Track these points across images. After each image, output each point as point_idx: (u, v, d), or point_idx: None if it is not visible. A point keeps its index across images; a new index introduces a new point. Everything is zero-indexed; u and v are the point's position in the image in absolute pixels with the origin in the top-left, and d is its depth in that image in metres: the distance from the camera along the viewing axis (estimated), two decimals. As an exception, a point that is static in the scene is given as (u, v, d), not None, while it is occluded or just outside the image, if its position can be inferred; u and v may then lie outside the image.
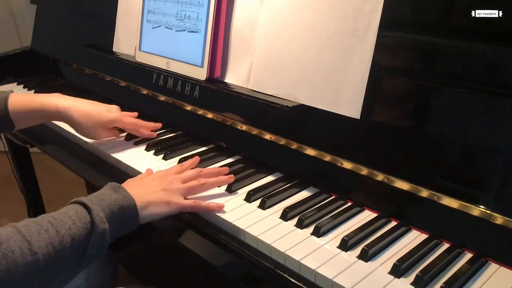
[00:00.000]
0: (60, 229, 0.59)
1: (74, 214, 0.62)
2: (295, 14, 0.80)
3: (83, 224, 0.61)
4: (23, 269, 0.54)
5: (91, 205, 0.63)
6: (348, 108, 0.73)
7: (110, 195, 0.67)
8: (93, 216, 0.62)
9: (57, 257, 0.58)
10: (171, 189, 0.73)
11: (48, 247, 0.57)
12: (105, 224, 0.63)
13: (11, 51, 1.49)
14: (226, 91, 0.89)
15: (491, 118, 0.61)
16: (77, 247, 0.60)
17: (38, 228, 0.58)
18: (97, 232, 0.62)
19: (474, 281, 0.59)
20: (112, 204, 0.65)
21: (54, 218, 0.60)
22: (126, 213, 0.67)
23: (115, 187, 0.69)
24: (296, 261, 0.61)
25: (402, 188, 0.67)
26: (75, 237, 0.60)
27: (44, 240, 0.57)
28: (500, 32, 0.61)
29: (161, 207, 0.71)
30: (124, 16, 1.15)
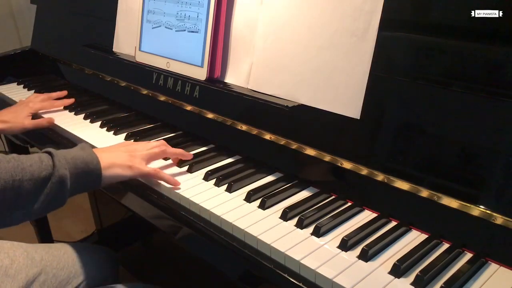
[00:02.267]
0: (22, 164, 0.64)
1: (38, 157, 0.67)
2: (295, 14, 0.80)
3: (44, 166, 0.66)
4: None
5: (55, 154, 0.68)
6: (348, 108, 0.73)
7: (77, 151, 0.72)
8: (55, 160, 0.67)
9: (14, 187, 0.62)
10: (135, 155, 0.79)
11: (7, 175, 0.62)
12: (66, 171, 0.67)
13: (11, 51, 1.49)
14: (226, 91, 0.89)
15: (491, 118, 0.61)
16: (35, 184, 0.64)
17: (2, 159, 0.64)
18: (56, 175, 0.66)
19: (474, 281, 0.59)
20: (76, 157, 0.70)
21: (19, 157, 0.66)
22: (89, 168, 0.71)
23: (83, 146, 0.75)
24: (296, 261, 0.61)
25: (402, 188, 0.67)
26: (34, 174, 0.64)
27: (4, 168, 0.62)
28: (500, 32, 0.61)
29: (124, 170, 0.76)
30: (124, 16, 1.15)
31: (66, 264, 0.92)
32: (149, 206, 0.81)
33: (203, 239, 0.72)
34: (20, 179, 0.63)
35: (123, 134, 1.00)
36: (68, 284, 0.90)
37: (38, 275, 0.87)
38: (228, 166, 0.85)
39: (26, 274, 0.85)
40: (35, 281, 0.86)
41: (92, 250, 1.02)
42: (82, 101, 1.22)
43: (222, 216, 0.71)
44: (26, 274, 0.85)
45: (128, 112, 1.14)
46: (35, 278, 0.86)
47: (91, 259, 0.98)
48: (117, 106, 1.18)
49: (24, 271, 0.86)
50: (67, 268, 0.92)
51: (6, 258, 0.85)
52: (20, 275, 0.84)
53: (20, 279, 0.84)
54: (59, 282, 0.89)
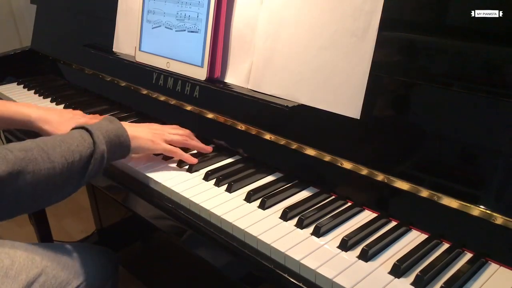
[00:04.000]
0: (70, 146, 0.71)
1: (79, 136, 0.74)
2: (295, 14, 0.80)
3: (87, 144, 0.73)
4: (44, 174, 0.67)
5: (92, 130, 0.75)
6: (348, 108, 0.73)
7: (107, 124, 0.79)
8: (94, 138, 0.74)
9: (68, 168, 0.70)
10: (157, 134, 0.87)
11: (62, 159, 0.69)
12: (104, 146, 0.75)
13: (11, 51, 1.49)
14: (226, 91, 0.89)
15: (491, 118, 0.61)
16: (83, 163, 0.72)
17: (53, 143, 0.70)
18: (98, 152, 0.73)
19: (474, 281, 0.59)
20: (109, 131, 0.77)
21: (64, 137, 0.73)
22: (120, 140, 0.79)
23: (111, 119, 0.81)
24: (296, 261, 0.61)
25: (402, 188, 0.68)
26: (82, 154, 0.72)
27: (58, 153, 0.69)
28: (500, 32, 0.61)
29: (146, 143, 0.84)
30: (124, 16, 1.15)
31: (66, 265, 0.92)
32: (149, 206, 0.81)
33: (203, 239, 0.72)
34: (72, 161, 0.70)
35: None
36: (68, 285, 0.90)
37: (39, 276, 0.87)
38: (228, 166, 0.85)
39: (26, 275, 0.85)
40: (35, 282, 0.86)
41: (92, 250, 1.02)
42: (82, 101, 1.22)
43: (222, 216, 0.71)
44: (27, 275, 0.85)
45: (128, 112, 1.14)
46: (36, 279, 0.86)
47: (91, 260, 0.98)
48: (117, 106, 1.18)
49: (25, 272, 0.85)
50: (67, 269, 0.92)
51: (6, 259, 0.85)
52: (21, 276, 0.84)
53: (21, 280, 0.84)
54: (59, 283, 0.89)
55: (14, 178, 0.63)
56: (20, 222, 1.96)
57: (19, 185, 0.64)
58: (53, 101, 1.23)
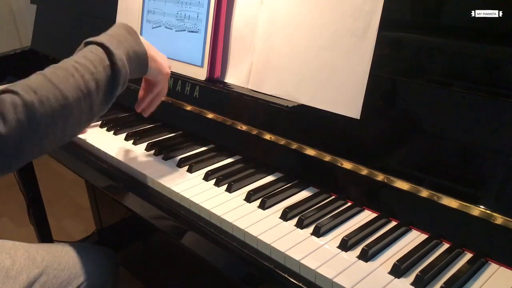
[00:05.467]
0: (84, 74, 0.64)
1: (94, 59, 0.66)
2: (295, 14, 0.80)
3: (103, 68, 0.66)
4: (59, 111, 0.60)
5: (113, 49, 0.67)
6: (348, 108, 0.73)
7: (126, 37, 0.72)
8: (115, 60, 0.67)
9: (85, 98, 0.64)
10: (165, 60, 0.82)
11: (77, 92, 0.62)
12: (126, 68, 0.69)
13: (11, 51, 1.49)
14: (226, 91, 0.89)
15: (491, 118, 0.61)
16: (102, 90, 0.66)
17: (65, 74, 0.62)
18: (120, 77, 0.67)
19: (474, 281, 0.59)
20: (129, 48, 0.71)
21: (76, 62, 0.65)
22: (140, 59, 0.74)
23: (129, 29, 0.74)
24: (296, 261, 0.61)
25: (402, 188, 0.68)
26: (99, 81, 0.65)
27: (72, 86, 0.62)
28: (500, 32, 0.61)
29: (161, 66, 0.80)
30: (124, 16, 1.15)
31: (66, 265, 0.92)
32: (149, 206, 0.81)
33: (203, 239, 0.72)
34: (88, 92, 0.63)
35: (123, 134, 1.00)
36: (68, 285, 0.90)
37: (39, 276, 0.87)
38: (228, 166, 0.85)
39: (27, 275, 0.85)
40: (36, 282, 0.86)
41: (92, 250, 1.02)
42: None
43: (222, 216, 0.71)
44: (28, 276, 0.85)
45: (128, 112, 1.14)
46: (36, 279, 0.86)
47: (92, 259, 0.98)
48: (117, 106, 1.17)
49: (25, 272, 0.86)
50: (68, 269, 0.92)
51: (7, 259, 0.85)
52: (22, 276, 0.84)
53: (21, 281, 0.84)
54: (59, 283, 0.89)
55: (26, 124, 0.57)
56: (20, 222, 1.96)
57: (32, 128, 0.58)
58: (53, 101, 1.23)
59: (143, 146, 0.95)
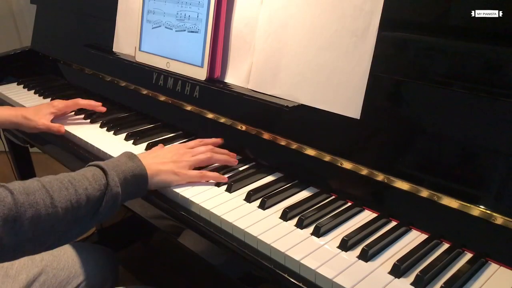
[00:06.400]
0: (78, 188, 0.65)
1: (91, 176, 0.68)
2: (295, 14, 0.80)
3: (98, 186, 0.68)
4: (45, 219, 0.61)
5: (108, 170, 0.70)
6: (348, 108, 0.73)
7: (126, 162, 0.73)
8: (108, 179, 0.69)
9: (73, 212, 0.65)
10: (181, 161, 0.80)
11: (67, 203, 0.64)
12: (118, 188, 0.69)
13: (11, 51, 1.49)
14: (226, 91, 0.89)
15: (491, 118, 0.61)
16: (92, 206, 0.67)
17: (59, 186, 0.64)
18: (110, 195, 0.68)
19: (474, 281, 0.59)
20: (126, 171, 0.72)
21: (73, 178, 0.67)
22: (138, 180, 0.74)
23: (131, 156, 0.76)
24: (296, 261, 0.61)
25: (402, 188, 0.67)
26: (90, 196, 0.66)
27: (64, 197, 0.64)
28: (500, 32, 0.61)
29: (170, 176, 0.78)
30: (124, 16, 1.15)
31: (66, 264, 0.92)
32: (149, 206, 0.81)
33: (203, 239, 0.72)
34: (78, 205, 0.65)
35: (123, 134, 1.00)
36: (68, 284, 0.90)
37: (39, 275, 0.87)
38: (228, 166, 0.85)
39: (26, 274, 0.85)
40: (35, 281, 0.86)
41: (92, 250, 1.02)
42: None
43: (222, 216, 0.71)
44: (27, 275, 0.85)
45: (128, 112, 1.14)
46: (36, 279, 0.86)
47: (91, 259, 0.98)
48: (117, 106, 1.18)
49: (25, 271, 0.86)
50: (67, 268, 0.92)
51: (6, 258, 0.85)
52: (21, 276, 0.84)
53: (21, 280, 0.84)
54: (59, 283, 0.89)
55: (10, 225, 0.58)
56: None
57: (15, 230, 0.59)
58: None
59: (143, 146, 0.95)
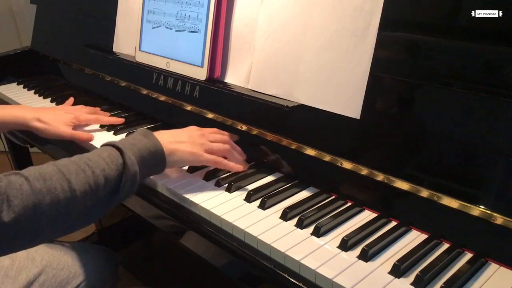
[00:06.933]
0: (96, 170, 0.64)
1: (107, 156, 0.67)
2: (295, 14, 0.80)
3: (115, 166, 0.66)
4: (64, 204, 0.61)
5: (124, 149, 0.68)
6: (348, 108, 0.73)
7: (141, 140, 0.72)
8: (125, 159, 0.67)
9: (92, 194, 0.64)
10: (197, 143, 0.79)
11: (85, 186, 0.63)
12: (136, 167, 0.68)
13: (11, 51, 1.49)
14: (226, 91, 0.89)
15: (491, 118, 0.61)
16: (110, 187, 0.66)
17: (76, 168, 0.63)
18: (128, 174, 0.67)
19: (474, 281, 0.59)
20: (142, 149, 0.71)
21: (89, 159, 0.66)
22: (155, 157, 0.73)
23: (146, 133, 0.74)
24: (296, 261, 0.61)
25: (402, 188, 0.67)
26: (109, 177, 0.65)
27: (82, 180, 0.63)
28: (500, 32, 0.61)
29: (186, 155, 0.77)
30: (124, 16, 1.15)
31: (66, 264, 0.92)
32: (149, 206, 0.81)
33: (203, 239, 0.72)
34: (97, 187, 0.64)
35: (123, 134, 1.00)
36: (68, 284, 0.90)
37: (39, 276, 0.87)
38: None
39: (26, 274, 0.85)
40: (35, 281, 0.86)
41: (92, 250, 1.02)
42: (82, 101, 1.22)
43: (222, 216, 0.71)
44: (27, 275, 0.85)
45: (128, 112, 1.14)
46: (36, 279, 0.86)
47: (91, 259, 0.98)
48: (117, 106, 1.18)
49: (25, 271, 0.86)
50: (67, 268, 0.92)
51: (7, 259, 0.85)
52: (21, 276, 0.84)
53: (21, 280, 0.84)
54: (59, 283, 0.89)
55: (30, 212, 0.57)
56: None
57: (36, 217, 0.58)
58: (53, 101, 1.23)
59: (143, 146, 0.95)
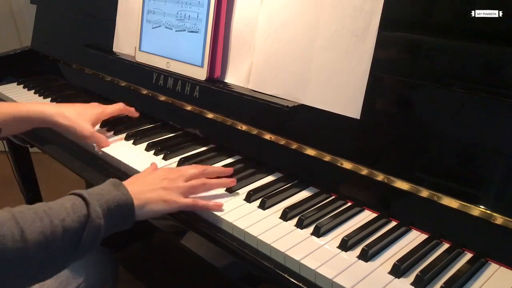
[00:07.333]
0: (54, 219, 0.59)
1: (70, 206, 0.62)
2: (295, 14, 0.80)
3: (77, 217, 0.61)
4: (12, 254, 0.54)
5: (89, 199, 0.63)
6: (348, 108, 0.73)
7: (110, 191, 0.67)
8: (90, 210, 0.62)
9: (47, 246, 0.58)
10: (172, 187, 0.73)
11: (40, 236, 0.57)
12: (101, 220, 0.63)
13: (11, 51, 1.49)
14: (226, 91, 0.89)
15: (491, 118, 0.61)
16: (69, 239, 0.60)
17: (33, 216, 0.58)
18: (91, 227, 0.62)
19: (474, 281, 0.59)
20: (110, 201, 0.66)
21: (50, 208, 0.60)
22: (123, 210, 0.67)
23: (116, 184, 0.69)
24: (296, 261, 0.61)
25: (402, 188, 0.67)
26: (68, 228, 0.60)
27: (37, 229, 0.57)
28: (500, 32, 0.61)
29: (159, 205, 0.71)
30: (124, 16, 1.15)
31: (66, 265, 0.92)
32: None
33: (203, 239, 0.72)
34: (53, 238, 0.58)
35: (123, 134, 1.00)
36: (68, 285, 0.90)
37: (38, 276, 0.87)
38: (228, 166, 0.85)
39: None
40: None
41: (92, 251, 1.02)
42: (82, 101, 1.22)
43: (222, 216, 0.71)
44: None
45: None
46: (35, 279, 0.86)
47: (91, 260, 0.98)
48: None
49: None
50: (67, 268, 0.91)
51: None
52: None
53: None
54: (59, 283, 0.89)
55: None
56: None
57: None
58: (53, 101, 1.23)
59: (143, 146, 0.95)
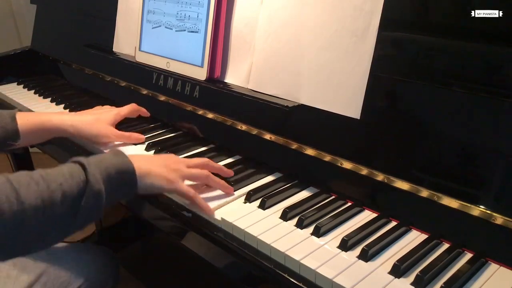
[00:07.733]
0: (51, 184, 0.57)
1: (68, 171, 0.60)
2: (295, 14, 0.80)
3: (76, 182, 0.59)
4: (8, 218, 0.53)
5: (87, 165, 0.62)
6: (348, 108, 0.73)
7: (110, 158, 0.66)
8: (88, 176, 0.61)
9: (46, 211, 0.56)
10: (174, 168, 0.72)
11: (37, 200, 0.55)
12: (100, 185, 0.62)
13: (11, 51, 1.49)
14: (226, 91, 0.89)
15: (491, 118, 0.61)
16: (68, 205, 0.58)
17: (28, 180, 0.56)
18: (90, 192, 0.60)
19: (474, 281, 0.59)
20: (110, 167, 0.64)
21: (47, 173, 0.59)
22: (124, 177, 0.66)
23: (116, 152, 0.68)
24: (296, 261, 0.61)
25: (402, 188, 0.67)
26: (67, 194, 0.58)
27: (33, 193, 0.55)
28: (500, 32, 0.61)
29: (160, 180, 0.70)
30: (124, 16, 1.15)
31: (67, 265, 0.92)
32: (149, 206, 0.81)
33: (203, 239, 0.72)
34: (50, 203, 0.57)
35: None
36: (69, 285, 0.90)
37: (40, 277, 0.87)
38: (228, 166, 0.85)
39: (28, 275, 0.85)
40: (36, 282, 0.86)
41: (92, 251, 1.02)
42: (82, 101, 1.22)
43: (222, 216, 0.70)
44: (28, 276, 0.85)
45: (128, 112, 1.13)
46: (37, 280, 0.86)
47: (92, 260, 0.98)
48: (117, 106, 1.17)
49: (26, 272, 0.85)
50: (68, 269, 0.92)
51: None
52: (22, 277, 0.84)
53: (22, 281, 0.84)
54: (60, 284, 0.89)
55: None
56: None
57: None
58: (53, 101, 1.23)
59: (143, 146, 0.95)
